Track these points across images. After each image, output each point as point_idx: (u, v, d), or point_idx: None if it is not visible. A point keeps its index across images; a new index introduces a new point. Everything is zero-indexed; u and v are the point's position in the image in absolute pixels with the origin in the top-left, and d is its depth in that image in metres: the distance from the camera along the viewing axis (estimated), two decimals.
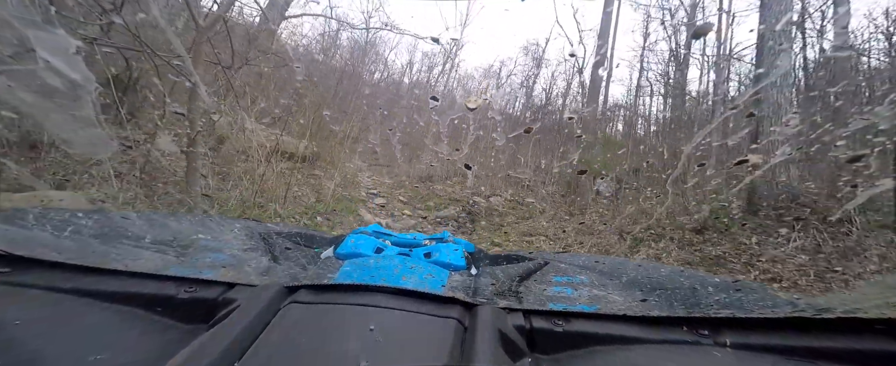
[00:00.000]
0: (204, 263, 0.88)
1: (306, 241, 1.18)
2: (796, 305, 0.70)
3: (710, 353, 0.57)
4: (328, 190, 5.17)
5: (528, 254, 1.21)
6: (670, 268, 1.11)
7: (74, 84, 0.58)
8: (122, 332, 0.58)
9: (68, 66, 0.56)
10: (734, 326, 0.61)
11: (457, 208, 6.78)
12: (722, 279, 0.96)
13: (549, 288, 0.92)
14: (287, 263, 0.97)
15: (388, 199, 6.96)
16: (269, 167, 4.20)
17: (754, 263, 4.51)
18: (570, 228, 6.10)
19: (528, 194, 7.94)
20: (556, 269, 1.05)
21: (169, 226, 1.08)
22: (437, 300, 0.65)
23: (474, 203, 6.98)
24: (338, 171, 6.23)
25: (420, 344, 0.55)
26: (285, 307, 0.61)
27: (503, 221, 6.55)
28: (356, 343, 0.52)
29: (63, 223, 0.87)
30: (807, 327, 0.58)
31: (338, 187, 5.71)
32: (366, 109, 10.20)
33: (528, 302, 0.81)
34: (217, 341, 0.51)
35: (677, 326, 0.62)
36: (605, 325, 0.63)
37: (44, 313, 0.57)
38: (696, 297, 0.85)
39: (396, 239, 1.20)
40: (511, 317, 0.64)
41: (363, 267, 0.87)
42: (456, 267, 0.99)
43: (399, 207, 6.66)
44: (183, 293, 0.64)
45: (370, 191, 7.18)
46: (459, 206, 6.88)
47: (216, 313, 0.61)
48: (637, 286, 0.94)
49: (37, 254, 0.68)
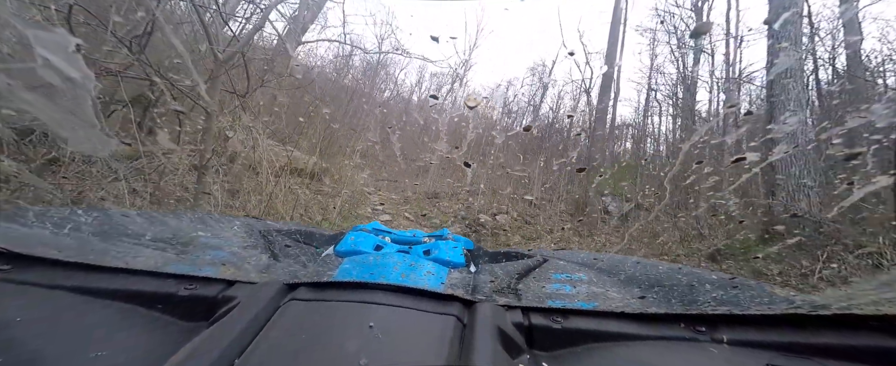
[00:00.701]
0: (204, 260, 0.89)
1: (306, 238, 1.19)
2: (792, 301, 0.69)
3: (707, 349, 0.57)
4: (335, 207, 5.20)
5: (527, 251, 1.21)
6: (668, 265, 1.10)
7: (73, 82, 0.60)
8: (123, 329, 0.58)
9: (68, 64, 0.58)
10: (731, 322, 0.61)
11: (462, 226, 6.72)
12: (719, 276, 0.96)
13: (547, 285, 0.92)
14: (287, 260, 0.98)
15: (394, 215, 6.93)
16: (278, 184, 4.25)
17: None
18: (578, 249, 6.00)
19: (536, 213, 7.82)
20: (555, 266, 1.05)
21: (169, 224, 1.09)
22: (436, 297, 0.66)
23: (481, 221, 6.88)
24: (345, 187, 6.25)
25: (419, 341, 0.55)
26: (285, 305, 0.62)
27: (509, 240, 6.44)
28: (356, 340, 0.53)
29: (63, 221, 0.88)
30: (803, 324, 0.58)
31: (345, 204, 5.75)
32: (376, 123, 10.40)
33: (527, 299, 0.81)
34: (217, 338, 0.51)
35: (675, 322, 0.63)
36: (604, 322, 0.63)
37: (44, 311, 0.58)
38: (693, 294, 0.85)
39: (396, 236, 1.20)
40: (510, 314, 0.65)
41: (363, 264, 0.87)
42: (455, 264, 0.99)
43: (405, 224, 6.59)
44: (183, 291, 0.65)
45: (376, 207, 7.18)
46: (465, 223, 6.81)
47: (216, 311, 0.62)
48: (635, 283, 0.94)
49: (37, 252, 0.68)
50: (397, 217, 6.88)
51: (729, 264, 4.88)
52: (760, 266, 4.59)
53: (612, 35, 12.14)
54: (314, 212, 4.93)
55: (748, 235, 5.24)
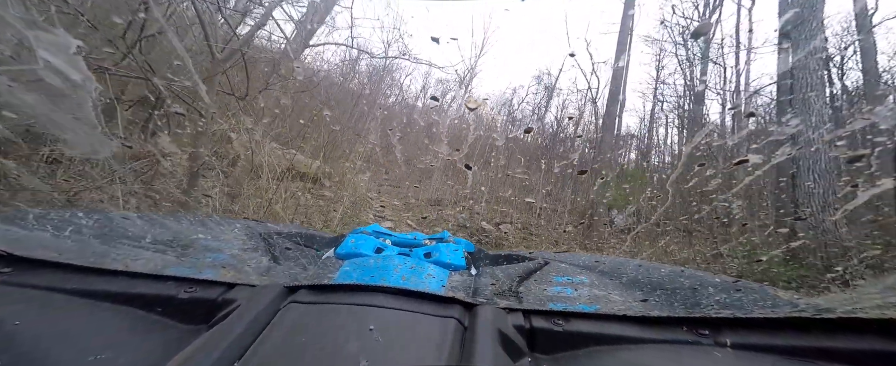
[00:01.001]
0: (204, 263, 0.89)
1: (306, 241, 1.19)
2: (796, 305, 0.69)
3: (711, 353, 0.57)
4: (337, 213, 5.19)
5: (528, 254, 1.21)
6: (670, 268, 1.09)
7: (74, 84, 0.60)
8: (122, 332, 0.58)
9: (68, 66, 0.58)
10: (734, 326, 0.61)
11: (465, 234, 6.56)
12: (722, 279, 0.95)
13: (549, 288, 0.92)
14: (287, 263, 0.98)
15: (396, 222, 6.88)
16: (278, 189, 4.24)
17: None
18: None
19: (539, 222, 7.67)
20: (557, 269, 1.04)
21: (169, 226, 1.09)
22: (436, 300, 0.65)
23: (484, 231, 6.78)
24: (347, 192, 6.23)
25: (419, 344, 0.55)
26: (285, 308, 0.61)
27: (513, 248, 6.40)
28: (356, 343, 0.52)
29: (63, 224, 0.88)
30: (807, 328, 0.58)
31: (347, 210, 5.73)
32: (377, 125, 10.41)
33: (528, 302, 0.81)
34: (217, 341, 0.51)
35: (677, 326, 0.62)
36: (605, 325, 0.63)
37: (44, 314, 0.58)
38: (696, 297, 0.84)
39: (396, 239, 1.20)
40: (511, 317, 0.64)
41: (363, 267, 0.87)
42: (456, 267, 0.99)
43: (407, 231, 6.58)
44: (183, 293, 0.65)
45: (378, 215, 7.12)
46: (468, 232, 6.71)
47: (216, 314, 0.62)
48: (637, 286, 0.93)
49: (37, 254, 0.68)
50: (400, 224, 6.86)
51: (733, 266, 4.82)
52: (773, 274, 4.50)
53: (621, 41, 12.08)
54: (316, 219, 4.92)
55: (751, 239, 5.18)
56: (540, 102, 17.48)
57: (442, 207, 8.19)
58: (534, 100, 18.45)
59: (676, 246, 4.98)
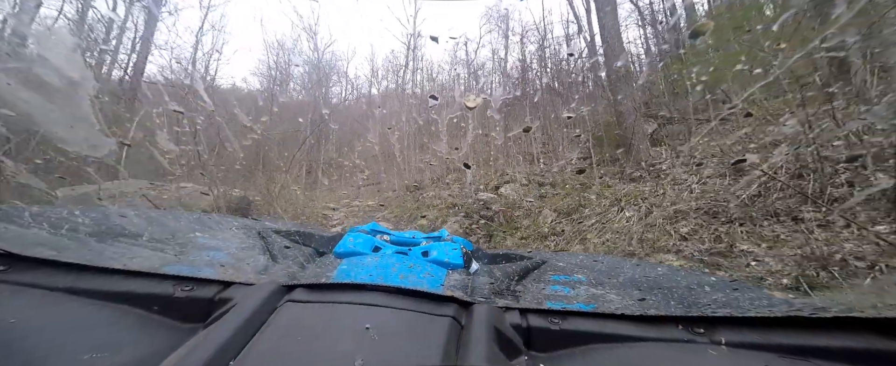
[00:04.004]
0: (202, 261, 0.89)
1: (305, 239, 1.19)
2: (792, 304, 0.69)
3: (706, 351, 0.57)
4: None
5: (526, 253, 1.21)
6: (667, 267, 1.10)
7: (72, 83, 0.59)
8: (119, 330, 0.58)
9: (67, 65, 0.58)
10: (730, 324, 0.61)
11: (460, 217, 5.31)
12: (719, 279, 0.96)
13: (546, 287, 0.92)
14: (285, 261, 0.98)
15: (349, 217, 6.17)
16: None
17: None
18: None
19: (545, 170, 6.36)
20: (554, 268, 1.05)
21: (167, 224, 1.09)
22: (433, 299, 0.65)
23: (481, 202, 5.45)
24: (297, 215, 5.47)
25: (416, 342, 0.55)
26: (282, 306, 0.61)
27: (535, 221, 4.69)
28: (352, 342, 0.52)
29: (60, 221, 0.87)
30: (802, 326, 0.58)
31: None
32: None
33: (525, 301, 0.81)
34: (213, 339, 0.51)
35: (673, 324, 0.62)
36: (602, 323, 0.63)
37: (40, 312, 0.58)
38: (693, 296, 0.85)
39: (394, 238, 1.20)
40: (508, 315, 0.64)
41: (361, 266, 0.87)
42: (454, 266, 0.99)
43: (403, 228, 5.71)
44: (180, 292, 0.65)
45: (333, 225, 6.13)
46: (462, 211, 5.44)
47: (213, 312, 0.62)
48: (635, 285, 0.94)
49: (34, 252, 0.68)
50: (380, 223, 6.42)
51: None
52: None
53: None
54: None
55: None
56: (497, 48, 15.67)
57: (422, 190, 7.61)
58: (491, 45, 16.83)
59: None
